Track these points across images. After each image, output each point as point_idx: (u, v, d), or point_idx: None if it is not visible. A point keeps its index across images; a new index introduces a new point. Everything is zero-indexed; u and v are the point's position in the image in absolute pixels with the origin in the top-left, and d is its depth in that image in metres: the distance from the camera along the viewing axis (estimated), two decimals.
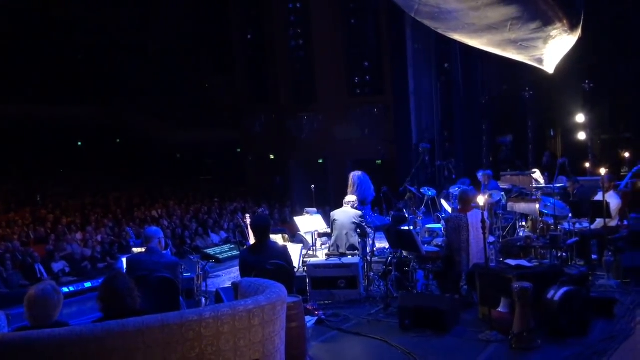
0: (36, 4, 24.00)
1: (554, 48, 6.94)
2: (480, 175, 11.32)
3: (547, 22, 6.30)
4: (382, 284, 8.13)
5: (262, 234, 6.15)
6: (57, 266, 11.51)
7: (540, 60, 7.45)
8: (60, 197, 19.41)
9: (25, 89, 24.50)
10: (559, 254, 7.94)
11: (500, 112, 18.75)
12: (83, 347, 3.16)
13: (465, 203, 7.39)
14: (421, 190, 10.98)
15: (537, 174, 11.57)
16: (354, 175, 9.54)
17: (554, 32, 6.43)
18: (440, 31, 7.25)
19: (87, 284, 9.50)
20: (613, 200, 8.66)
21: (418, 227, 9.75)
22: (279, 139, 21.49)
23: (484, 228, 6.25)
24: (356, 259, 8.06)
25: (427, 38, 18.09)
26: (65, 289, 8.90)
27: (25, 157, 24.12)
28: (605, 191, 8.21)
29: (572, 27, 6.62)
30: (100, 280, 4.29)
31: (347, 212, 8.54)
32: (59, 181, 22.51)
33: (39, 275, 10.69)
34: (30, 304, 3.69)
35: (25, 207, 17.20)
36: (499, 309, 6.16)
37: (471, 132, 18.38)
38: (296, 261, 7.87)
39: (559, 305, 5.85)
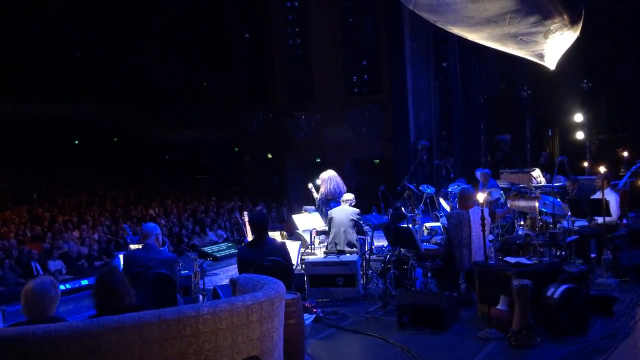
0: (32, 1, 23.92)
1: (555, 43, 6.90)
2: (478, 173, 11.30)
3: (546, 15, 6.27)
4: (380, 281, 8.12)
5: (260, 230, 6.11)
6: (54, 265, 11.45)
7: (541, 56, 7.41)
8: (57, 195, 19.34)
9: (22, 87, 24.41)
10: (558, 252, 7.93)
11: (498, 112, 18.73)
12: (79, 343, 3.11)
13: (465, 200, 7.37)
14: (420, 188, 10.97)
15: (537, 173, 11.53)
16: (324, 174, 9.86)
17: (553, 27, 6.40)
18: (439, 24, 7.20)
19: (84, 282, 9.43)
20: (612, 198, 8.64)
21: (417, 225, 9.73)
22: (276, 138, 21.43)
23: (483, 225, 6.23)
24: (354, 257, 8.04)
25: (425, 37, 18.06)
26: (62, 287, 8.82)
27: (21, 155, 24.01)
28: (602, 189, 8.19)
29: (573, 22, 6.58)
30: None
31: (345, 210, 8.51)
32: (55, 179, 22.43)
33: (35, 273, 10.64)
34: (27, 297, 3.66)
35: (22, 205, 17.13)
36: (498, 307, 6.14)
37: (469, 131, 18.37)
38: (294, 259, 7.83)
39: (559, 303, 5.83)
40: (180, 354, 3.31)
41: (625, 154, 12.85)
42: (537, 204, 8.68)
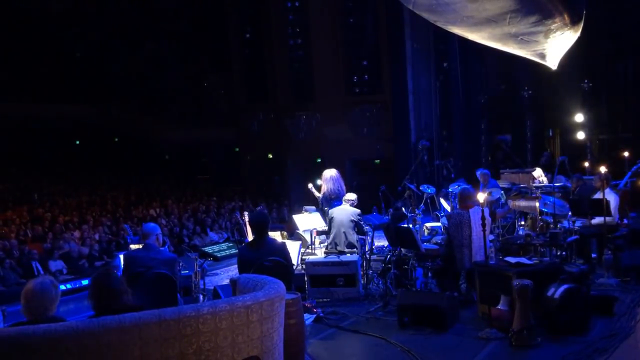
0: (33, 2, 23.94)
1: (556, 43, 6.90)
2: (478, 174, 11.30)
3: (546, 15, 6.26)
4: (380, 281, 8.11)
5: (260, 230, 6.11)
6: (55, 265, 11.46)
7: (542, 56, 7.40)
8: (58, 195, 19.33)
9: (22, 87, 24.43)
10: (559, 252, 7.92)
11: (498, 112, 18.74)
12: (79, 343, 3.11)
13: (466, 200, 7.36)
14: (420, 188, 10.96)
15: (539, 172, 11.52)
16: (326, 173, 9.83)
17: (554, 26, 6.39)
18: (439, 24, 7.19)
19: (85, 282, 9.42)
20: (612, 198, 8.64)
21: (417, 225, 9.73)
22: (276, 138, 21.43)
23: (483, 225, 6.22)
24: (355, 257, 8.03)
25: (425, 37, 18.06)
26: (63, 287, 8.82)
27: (22, 155, 24.03)
28: (602, 190, 8.19)
29: (573, 22, 6.57)
30: None
31: (345, 210, 8.50)
32: (56, 180, 22.42)
33: (36, 273, 10.64)
34: (27, 296, 3.66)
35: (23, 205, 17.12)
36: (499, 307, 6.13)
37: (470, 131, 18.37)
38: (295, 259, 7.82)
39: (559, 303, 5.82)
40: (180, 353, 3.30)
41: (626, 154, 12.84)
42: (537, 204, 8.67)
